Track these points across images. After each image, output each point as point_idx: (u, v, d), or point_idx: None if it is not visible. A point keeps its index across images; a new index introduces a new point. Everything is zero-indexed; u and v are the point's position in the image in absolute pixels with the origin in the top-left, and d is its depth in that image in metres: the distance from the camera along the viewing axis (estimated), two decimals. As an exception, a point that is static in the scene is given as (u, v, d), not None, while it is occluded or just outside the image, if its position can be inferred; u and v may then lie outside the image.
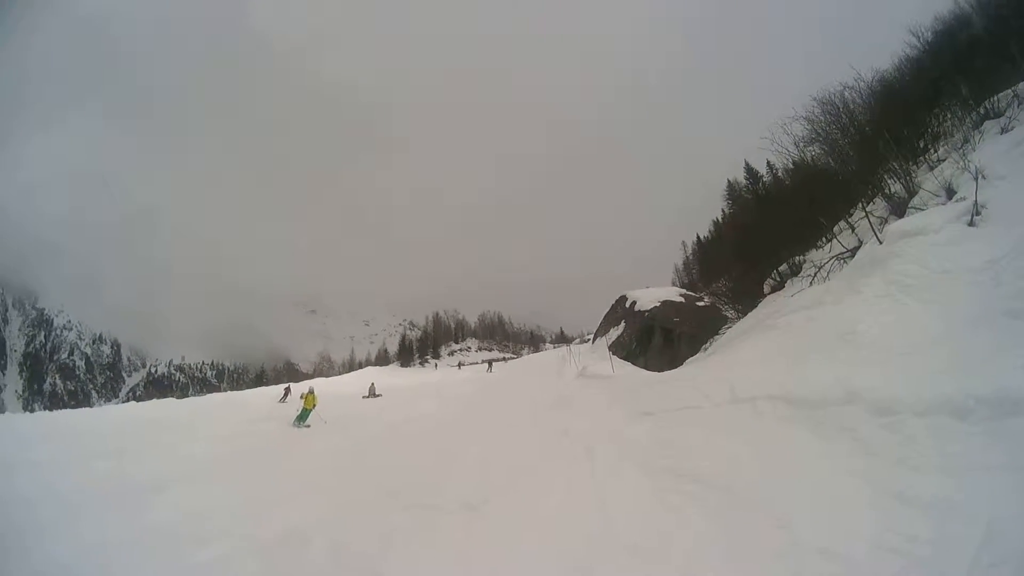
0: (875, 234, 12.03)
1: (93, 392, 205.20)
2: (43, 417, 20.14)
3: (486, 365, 54.24)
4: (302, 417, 18.44)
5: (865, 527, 4.20)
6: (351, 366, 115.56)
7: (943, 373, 5.73)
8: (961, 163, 11.98)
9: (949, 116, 16.88)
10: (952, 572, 3.40)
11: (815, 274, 14.88)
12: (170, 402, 30.37)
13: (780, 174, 26.79)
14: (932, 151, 16.18)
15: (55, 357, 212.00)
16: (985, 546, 3.45)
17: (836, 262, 14.20)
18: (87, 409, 26.34)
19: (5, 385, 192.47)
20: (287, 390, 31.27)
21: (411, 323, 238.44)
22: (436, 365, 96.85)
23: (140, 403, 33.37)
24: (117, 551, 6.42)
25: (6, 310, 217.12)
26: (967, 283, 7.89)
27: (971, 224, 9.45)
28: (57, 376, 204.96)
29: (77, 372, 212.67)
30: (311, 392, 19.92)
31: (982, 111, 14.70)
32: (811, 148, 19.13)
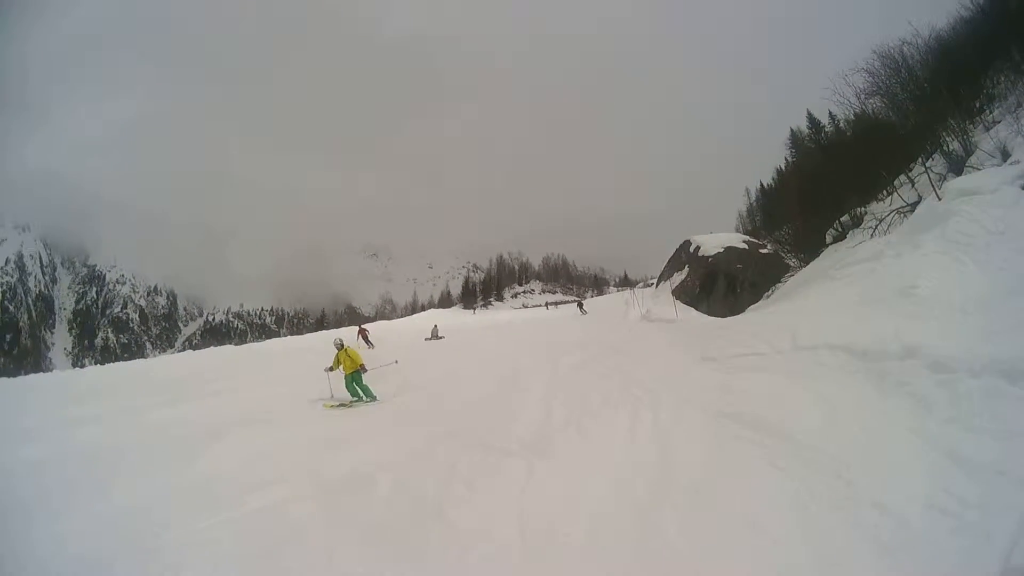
0: (934, 190, 12.17)
1: (148, 344, 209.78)
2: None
3: (577, 307, 48.68)
4: (355, 389, 12.40)
5: (919, 485, 4.28)
6: (413, 309, 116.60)
7: (998, 335, 5.85)
8: (1015, 126, 12.03)
9: (1003, 79, 16.85)
10: (998, 538, 3.43)
11: (876, 227, 15.03)
12: (226, 350, 31.73)
13: (842, 125, 26.63)
14: (988, 112, 16.15)
15: (107, 312, 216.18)
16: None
17: (897, 216, 14.32)
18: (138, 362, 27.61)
19: (54, 343, 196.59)
20: (363, 333, 28.92)
21: (475, 265, 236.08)
22: (475, 310, 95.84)
23: (196, 352, 34.93)
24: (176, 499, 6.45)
25: (54, 270, 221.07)
26: (1022, 246, 8.03)
27: (1024, 188, 9.43)
28: (110, 330, 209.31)
29: (131, 325, 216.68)
30: (343, 349, 12.60)
31: (1034, 77, 14.41)
32: (872, 100, 19.63)
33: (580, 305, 49.67)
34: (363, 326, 34.13)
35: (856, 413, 5.87)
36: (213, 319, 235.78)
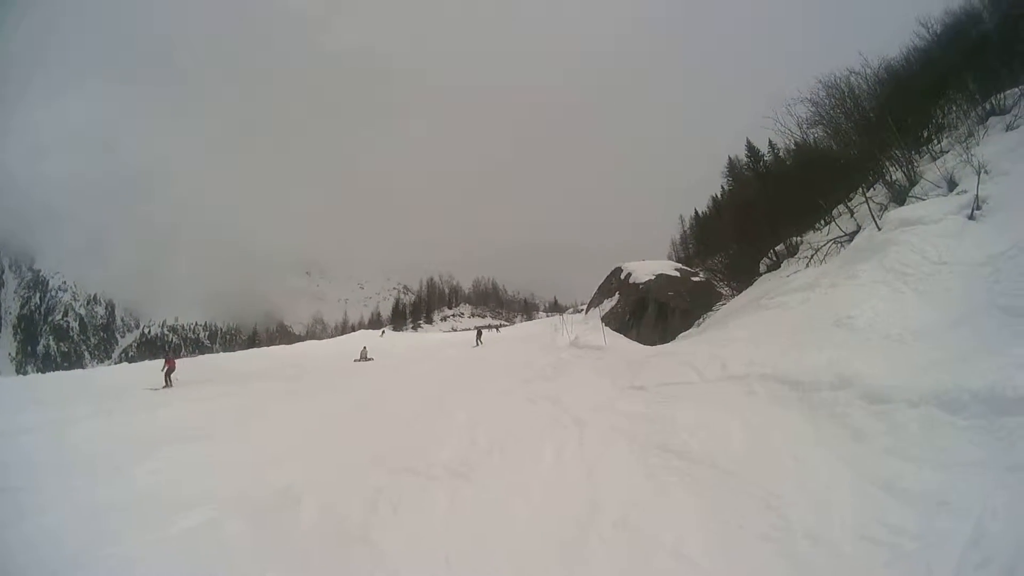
0: (874, 220, 12.09)
1: (86, 353, 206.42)
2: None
3: (475, 333, 41.32)
4: None
5: (853, 515, 4.18)
6: (344, 329, 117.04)
7: (937, 365, 5.71)
8: (964, 156, 11.91)
9: (954, 109, 16.84)
10: (938, 569, 3.34)
11: (812, 256, 14.91)
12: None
13: (782, 154, 26.91)
14: (935, 142, 16.13)
15: (49, 319, 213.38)
16: (972, 545, 3.38)
17: (834, 245, 14.25)
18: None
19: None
20: (168, 363, 21.03)
21: (405, 287, 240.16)
22: (383, 332, 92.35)
23: (132, 364, 33.56)
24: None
25: (2, 272, 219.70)
26: (965, 276, 7.89)
27: (971, 218, 9.46)
28: (51, 338, 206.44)
29: (71, 333, 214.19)
30: None
31: (988, 107, 14.69)
32: (814, 130, 19.50)
33: (479, 333, 40.79)
34: (170, 357, 22.12)
35: (787, 443, 5.74)
36: (149, 331, 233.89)
